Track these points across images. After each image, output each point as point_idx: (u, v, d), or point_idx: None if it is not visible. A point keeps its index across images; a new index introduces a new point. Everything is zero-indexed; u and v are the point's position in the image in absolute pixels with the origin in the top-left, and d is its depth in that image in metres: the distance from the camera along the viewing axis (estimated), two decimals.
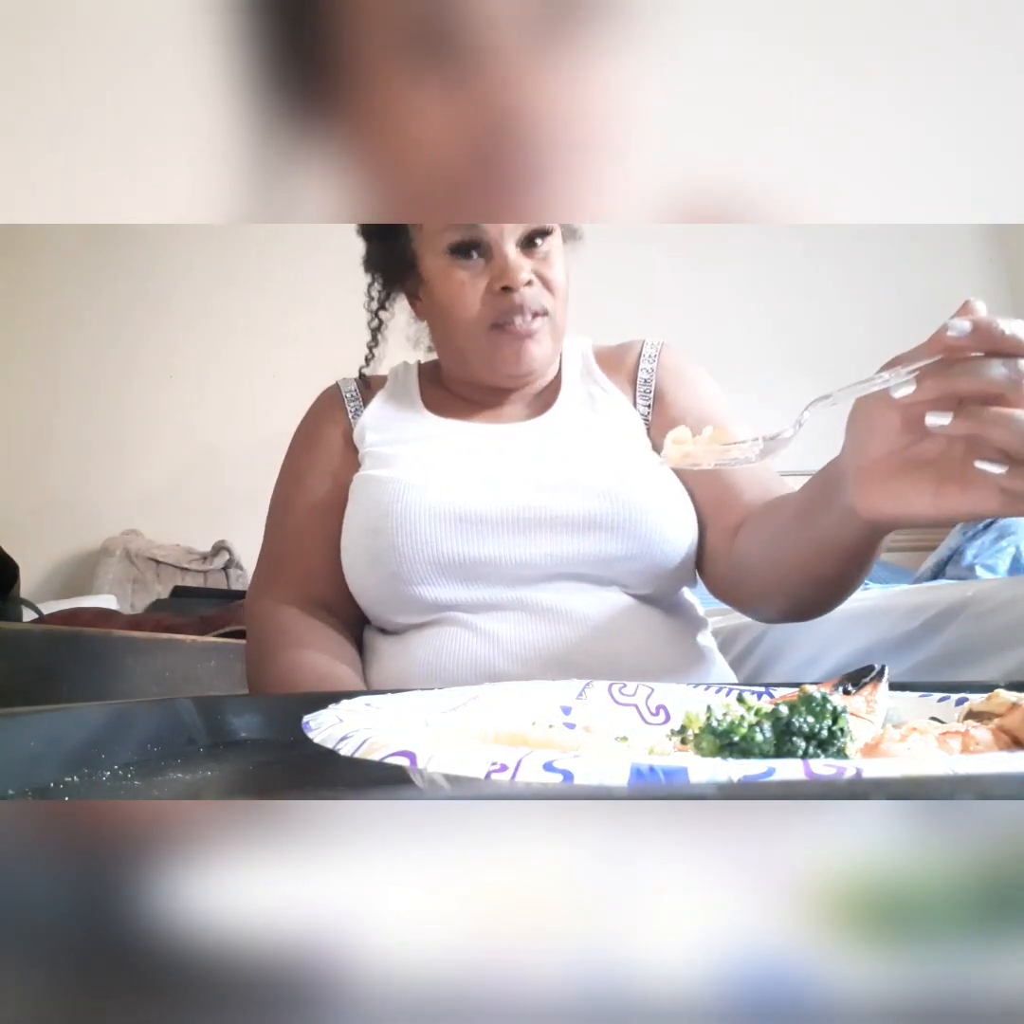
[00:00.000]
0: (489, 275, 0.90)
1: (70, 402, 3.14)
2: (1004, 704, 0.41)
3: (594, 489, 0.86)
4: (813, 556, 0.73)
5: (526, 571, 0.85)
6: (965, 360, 0.51)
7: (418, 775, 0.34)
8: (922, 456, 0.56)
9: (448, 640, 0.85)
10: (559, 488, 0.87)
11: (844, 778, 0.27)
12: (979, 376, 0.50)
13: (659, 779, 0.27)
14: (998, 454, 0.52)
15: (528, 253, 0.91)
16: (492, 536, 0.85)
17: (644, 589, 0.89)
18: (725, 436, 0.58)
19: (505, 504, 0.86)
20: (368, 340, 1.06)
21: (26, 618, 1.82)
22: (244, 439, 2.98)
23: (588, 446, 0.92)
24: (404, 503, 0.86)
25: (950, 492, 0.55)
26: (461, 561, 0.85)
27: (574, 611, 0.85)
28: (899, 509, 0.58)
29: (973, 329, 0.50)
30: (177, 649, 1.33)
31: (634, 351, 1.04)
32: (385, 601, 0.89)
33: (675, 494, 0.91)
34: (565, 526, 0.85)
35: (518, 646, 0.84)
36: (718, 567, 0.91)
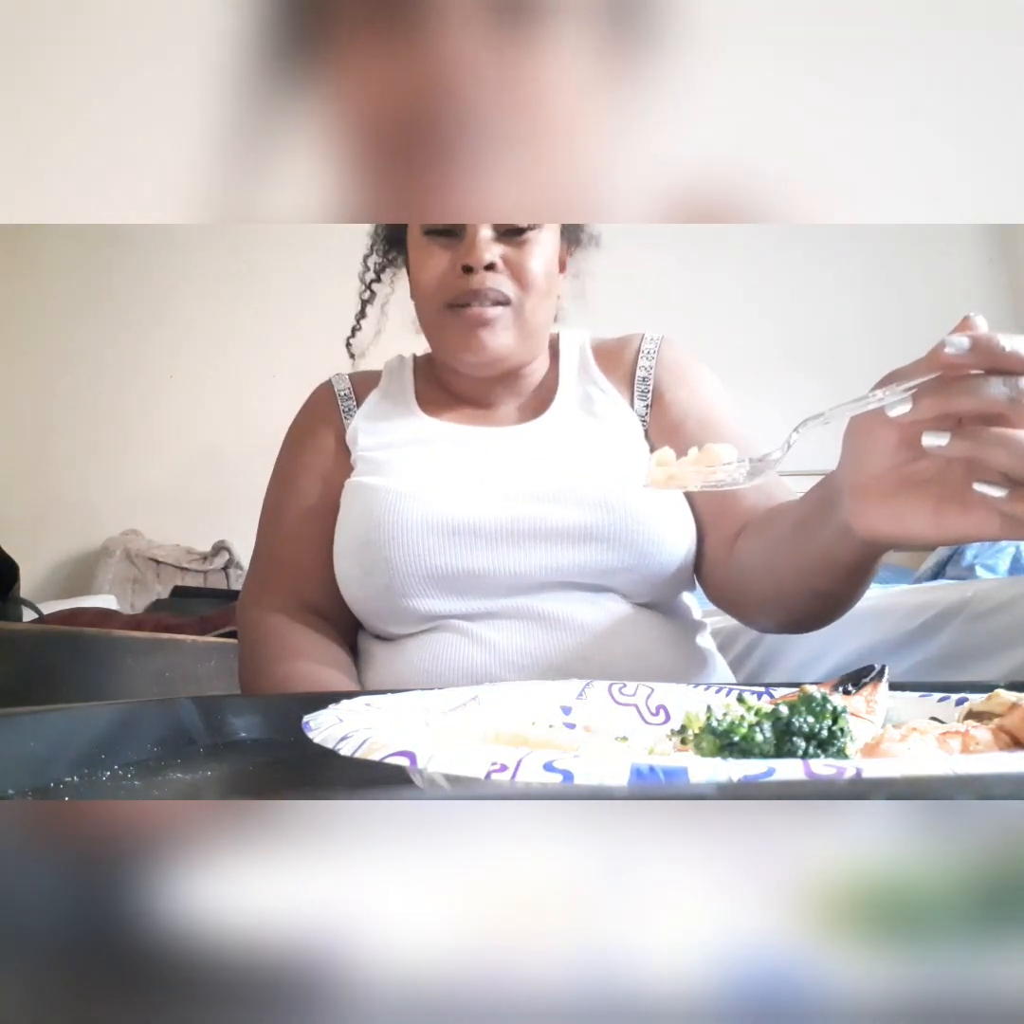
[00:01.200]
0: (455, 253, 0.89)
1: (70, 402, 3.15)
2: (1004, 704, 0.41)
3: (590, 500, 0.84)
4: (810, 570, 0.72)
5: (521, 581, 0.84)
6: (964, 378, 0.49)
7: (418, 775, 0.34)
8: (921, 475, 0.55)
9: (444, 648, 0.84)
10: (555, 499, 0.85)
11: (844, 778, 0.27)
12: (978, 395, 0.48)
13: (659, 779, 0.27)
14: (998, 476, 0.50)
15: (506, 240, 0.89)
16: (487, 548, 0.84)
17: (642, 596, 0.88)
18: (711, 457, 0.56)
19: (500, 515, 0.84)
20: (356, 311, 1.04)
21: (26, 618, 1.82)
22: (244, 439, 2.98)
23: (584, 454, 0.90)
24: (397, 514, 0.84)
25: (949, 513, 0.53)
26: (455, 573, 0.84)
27: (571, 618, 0.84)
28: (897, 529, 0.56)
29: (972, 346, 0.48)
30: (177, 649, 1.33)
31: (633, 346, 1.01)
32: (379, 611, 0.88)
33: (673, 502, 0.89)
34: (561, 538, 0.84)
35: (515, 654, 0.83)
36: (716, 575, 0.89)
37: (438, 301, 0.90)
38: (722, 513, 0.89)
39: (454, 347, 0.91)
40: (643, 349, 1.00)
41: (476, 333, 0.89)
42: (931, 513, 0.54)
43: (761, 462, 0.56)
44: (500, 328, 0.90)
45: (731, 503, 0.88)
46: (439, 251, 0.89)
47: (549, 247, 0.92)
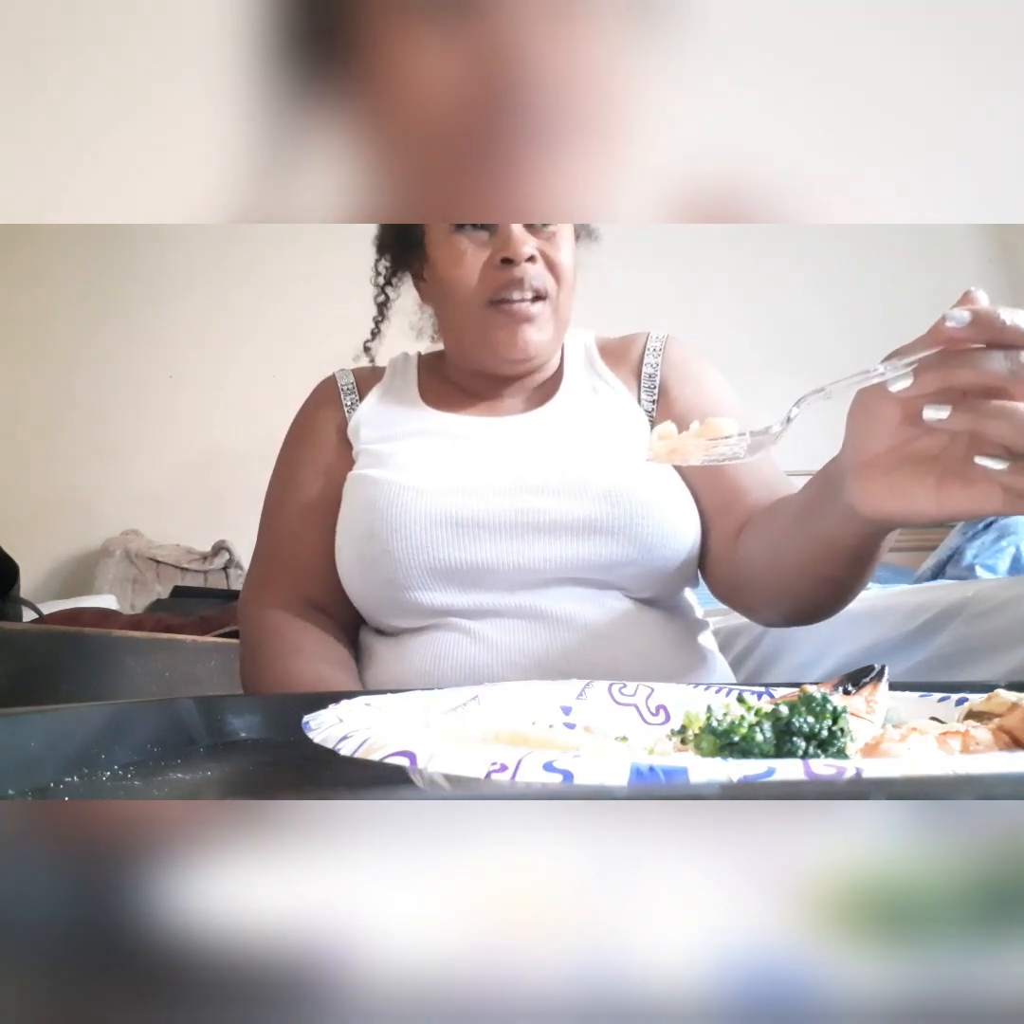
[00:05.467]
0: (491, 247, 0.87)
1: (70, 402, 3.15)
2: (1004, 704, 0.41)
3: (595, 492, 0.84)
4: (816, 557, 0.72)
5: (525, 576, 0.84)
6: (965, 352, 0.49)
7: (418, 775, 0.34)
8: (923, 452, 0.55)
9: (446, 646, 0.84)
10: (559, 491, 0.84)
11: (844, 778, 0.27)
12: (979, 368, 0.48)
13: (659, 779, 0.27)
14: (1000, 449, 0.50)
15: (534, 231, 0.88)
16: (490, 541, 0.83)
17: (645, 592, 0.87)
18: (712, 431, 0.56)
19: (503, 508, 0.84)
20: (375, 315, 1.03)
21: (26, 618, 1.82)
22: (244, 439, 2.97)
23: (589, 444, 0.90)
24: (399, 507, 0.84)
25: (952, 490, 0.53)
26: (458, 566, 0.83)
27: (573, 617, 0.83)
28: (900, 507, 0.56)
29: (973, 320, 0.48)
30: (177, 649, 1.33)
31: (638, 344, 1.00)
32: (381, 605, 0.88)
33: (678, 496, 0.89)
34: (565, 530, 0.83)
35: (516, 653, 0.82)
36: (721, 570, 0.89)
37: (480, 298, 0.88)
38: (726, 507, 0.88)
39: (495, 345, 0.90)
40: (649, 347, 0.99)
41: (521, 329, 0.88)
42: (933, 489, 0.54)
43: (762, 435, 0.56)
44: (542, 323, 0.89)
45: (736, 498, 0.88)
46: (473, 247, 0.87)
47: (571, 238, 0.92)
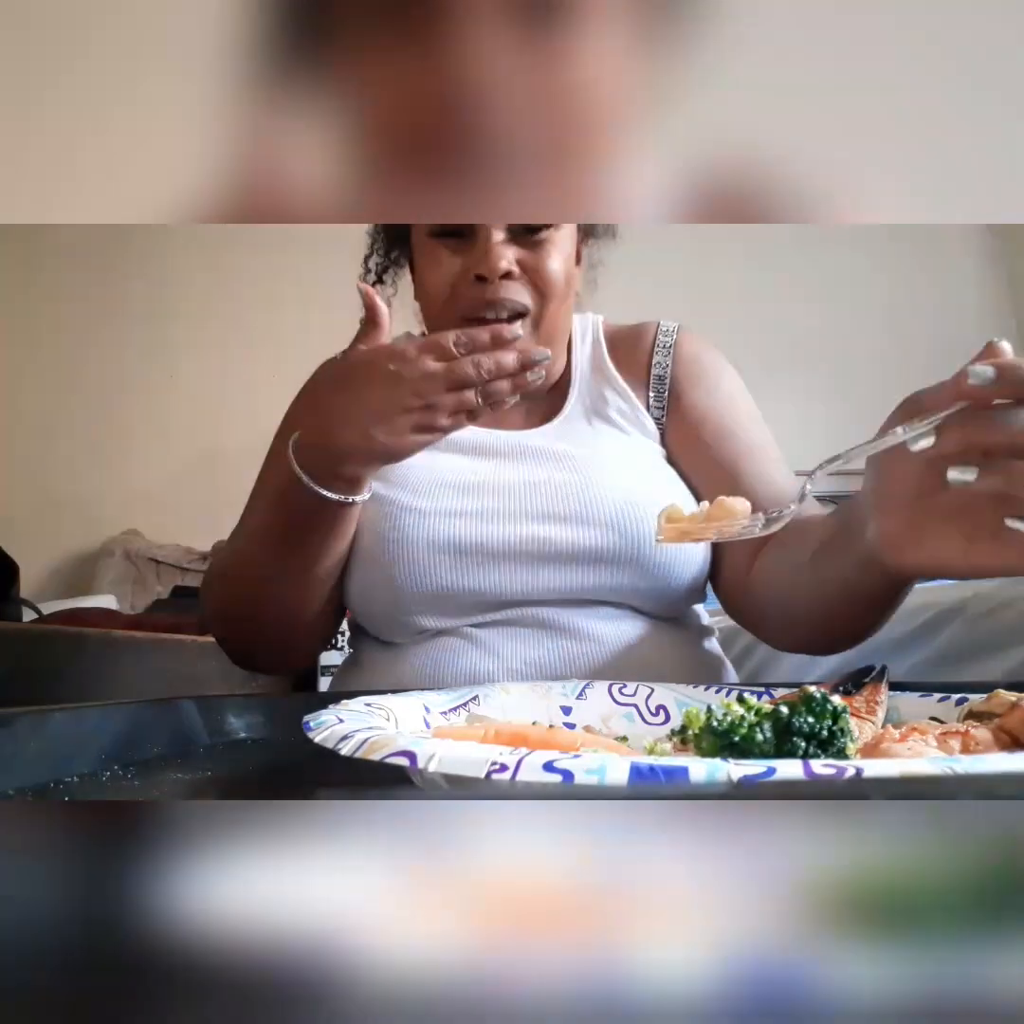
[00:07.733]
0: (468, 257, 0.81)
1: (70, 402, 3.15)
2: (1004, 704, 0.41)
3: (601, 521, 0.80)
4: (830, 600, 0.69)
5: (529, 599, 0.82)
6: (989, 409, 0.46)
7: (418, 775, 0.34)
8: (948, 506, 0.52)
9: (447, 654, 0.82)
10: (565, 519, 0.81)
11: (844, 778, 0.27)
12: (1006, 427, 0.45)
13: (659, 779, 0.27)
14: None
15: (520, 240, 0.81)
16: (494, 568, 0.81)
17: (652, 611, 0.85)
18: (722, 512, 0.54)
19: (507, 535, 0.81)
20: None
21: (26, 618, 1.82)
22: (244, 439, 2.96)
23: (595, 467, 0.85)
24: (400, 531, 0.81)
25: (981, 548, 0.51)
26: (461, 592, 0.81)
27: (578, 628, 0.82)
28: (927, 560, 0.53)
29: (997, 375, 0.44)
30: (177, 649, 1.33)
31: (648, 338, 0.95)
32: (381, 624, 0.85)
33: None
34: (570, 559, 0.80)
35: (520, 662, 0.81)
36: (734, 593, 0.87)
37: (450, 313, 0.83)
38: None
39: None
40: (659, 341, 0.94)
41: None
42: (962, 546, 0.52)
43: (776, 517, 0.54)
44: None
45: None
46: (448, 256, 0.83)
47: (567, 244, 0.86)
